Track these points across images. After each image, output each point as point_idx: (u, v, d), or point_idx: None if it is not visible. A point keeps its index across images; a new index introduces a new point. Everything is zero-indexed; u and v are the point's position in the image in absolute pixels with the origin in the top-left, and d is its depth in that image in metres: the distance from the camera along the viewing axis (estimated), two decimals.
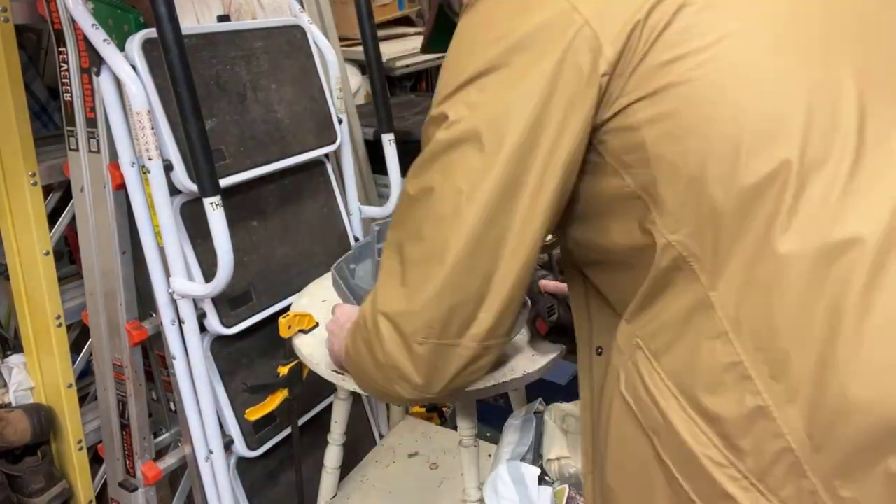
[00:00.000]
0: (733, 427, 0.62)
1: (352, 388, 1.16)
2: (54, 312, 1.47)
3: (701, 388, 0.64)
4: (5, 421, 1.45)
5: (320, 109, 1.66)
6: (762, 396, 0.60)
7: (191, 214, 1.37)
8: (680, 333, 0.66)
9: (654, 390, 0.67)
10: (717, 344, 0.62)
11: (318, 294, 1.46)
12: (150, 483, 1.52)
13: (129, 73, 1.23)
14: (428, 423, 1.80)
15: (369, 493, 1.57)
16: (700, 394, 0.64)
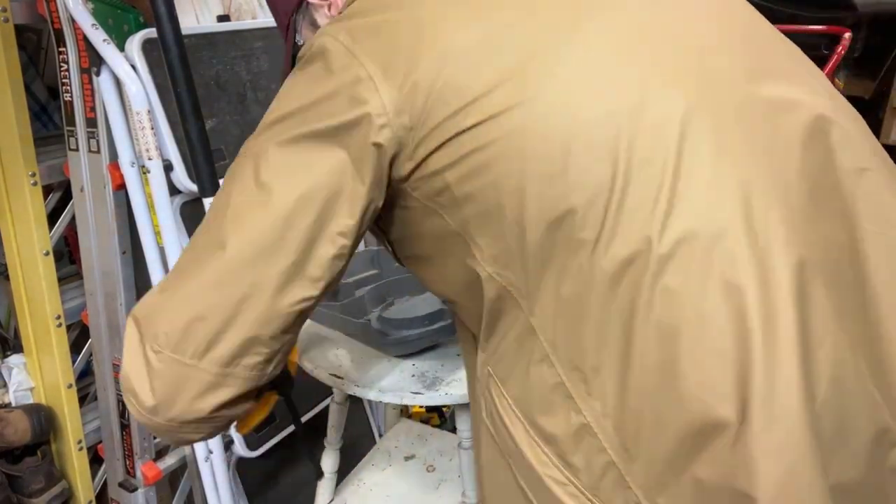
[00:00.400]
0: (565, 445, 0.63)
1: (350, 391, 1.16)
2: (54, 312, 1.47)
3: (537, 411, 0.65)
4: (5, 421, 1.45)
5: None
6: (583, 414, 0.61)
7: (191, 214, 1.37)
8: (516, 359, 0.67)
9: (504, 416, 0.68)
10: (543, 367, 0.64)
11: None
12: (149, 483, 1.52)
13: (128, 72, 1.23)
14: (423, 425, 1.80)
15: (366, 496, 1.56)
16: (537, 416, 0.65)
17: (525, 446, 0.66)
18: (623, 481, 0.60)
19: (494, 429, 0.70)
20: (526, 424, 0.66)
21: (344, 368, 1.19)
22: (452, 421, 1.99)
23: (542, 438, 0.65)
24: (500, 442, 0.70)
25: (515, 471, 0.68)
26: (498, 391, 0.69)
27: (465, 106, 0.62)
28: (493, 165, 0.62)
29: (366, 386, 1.14)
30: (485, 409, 0.72)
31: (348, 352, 1.23)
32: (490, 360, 0.71)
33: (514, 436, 0.67)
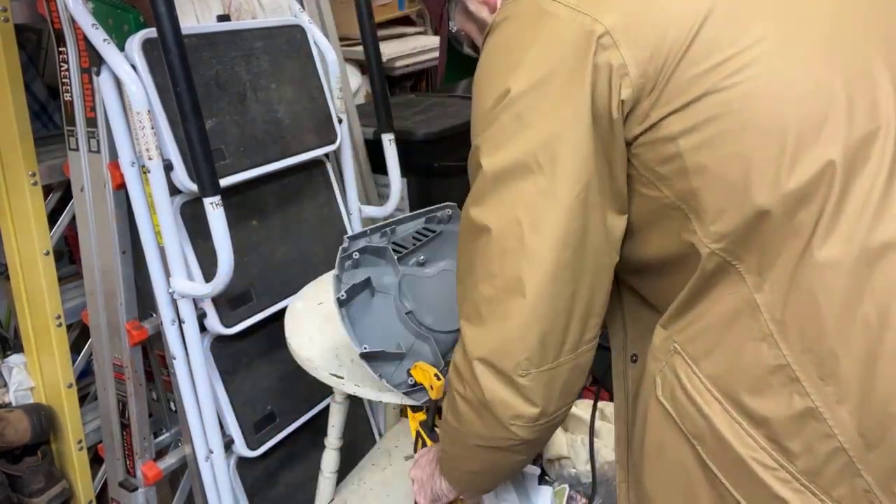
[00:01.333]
0: (782, 428, 0.62)
1: (350, 391, 1.16)
2: (54, 312, 1.47)
3: (745, 391, 0.64)
4: (5, 421, 1.45)
5: (320, 109, 1.66)
6: (811, 398, 0.60)
7: (191, 214, 1.37)
8: (722, 337, 0.66)
9: (694, 395, 0.67)
10: (763, 346, 0.63)
11: (314, 297, 1.45)
12: (150, 483, 1.52)
13: (129, 72, 1.23)
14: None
15: (366, 496, 1.56)
16: (745, 396, 0.64)
17: (724, 427, 0.65)
18: (853, 468, 0.59)
19: (676, 408, 0.69)
20: (726, 404, 0.65)
21: (344, 368, 1.19)
22: None
23: (749, 420, 0.64)
24: (683, 422, 0.69)
25: (703, 451, 0.67)
26: (687, 369, 0.68)
27: (714, 66, 0.62)
28: (736, 135, 0.62)
29: (365, 386, 1.14)
30: (661, 389, 0.71)
31: (348, 351, 1.23)
32: (680, 336, 0.70)
33: (707, 416, 0.66)
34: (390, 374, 1.07)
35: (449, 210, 1.21)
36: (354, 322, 1.08)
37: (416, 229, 1.19)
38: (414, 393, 1.07)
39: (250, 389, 1.52)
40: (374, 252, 1.14)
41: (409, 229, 1.18)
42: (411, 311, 1.09)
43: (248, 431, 1.50)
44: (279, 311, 1.53)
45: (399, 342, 1.08)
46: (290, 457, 1.67)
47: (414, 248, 1.15)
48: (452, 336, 1.10)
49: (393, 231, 1.17)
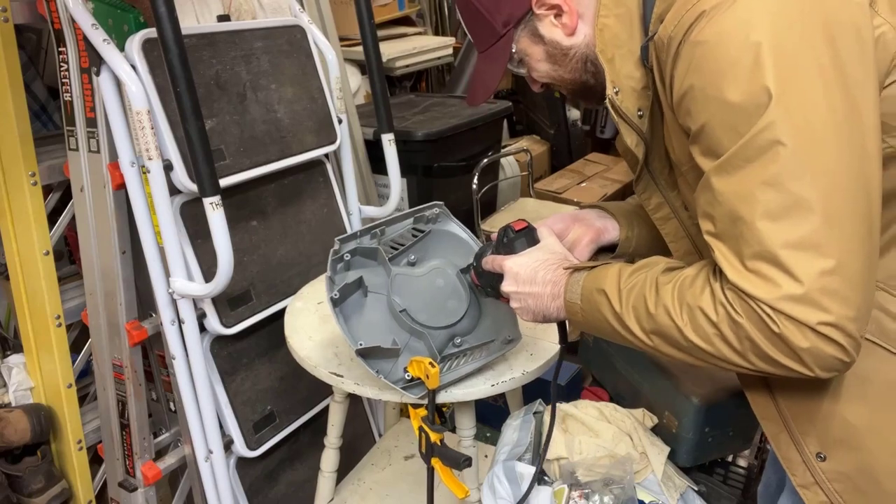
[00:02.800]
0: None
1: (350, 389, 1.16)
2: (54, 312, 1.47)
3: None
4: (5, 421, 1.45)
5: (320, 109, 1.66)
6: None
7: (191, 214, 1.37)
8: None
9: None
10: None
11: (314, 296, 1.46)
12: (149, 483, 1.52)
13: (128, 72, 1.23)
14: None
15: (366, 496, 1.57)
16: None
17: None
18: None
19: (882, 334, 0.76)
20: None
21: (343, 367, 1.19)
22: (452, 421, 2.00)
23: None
24: (892, 343, 0.76)
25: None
26: (892, 299, 0.77)
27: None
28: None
29: (365, 384, 1.14)
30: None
31: (348, 350, 1.23)
32: (882, 275, 0.75)
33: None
34: (387, 370, 1.08)
35: (437, 209, 1.21)
36: (349, 321, 1.09)
37: (405, 229, 1.20)
38: (412, 388, 1.07)
39: (250, 389, 1.53)
40: (364, 253, 1.14)
41: (399, 230, 1.19)
42: (404, 308, 1.09)
43: (247, 431, 1.50)
44: (279, 311, 1.53)
45: (394, 339, 1.09)
46: (290, 457, 1.67)
47: (405, 248, 1.16)
48: (446, 332, 1.11)
49: (382, 232, 1.17)
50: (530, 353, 1.20)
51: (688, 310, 0.75)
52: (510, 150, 2.69)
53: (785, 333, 0.68)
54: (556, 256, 0.95)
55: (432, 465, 1.09)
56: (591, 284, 0.86)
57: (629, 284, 0.82)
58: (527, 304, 0.94)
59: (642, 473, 1.30)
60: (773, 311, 0.68)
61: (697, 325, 0.74)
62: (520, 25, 0.93)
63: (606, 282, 0.84)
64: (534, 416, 1.39)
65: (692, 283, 0.76)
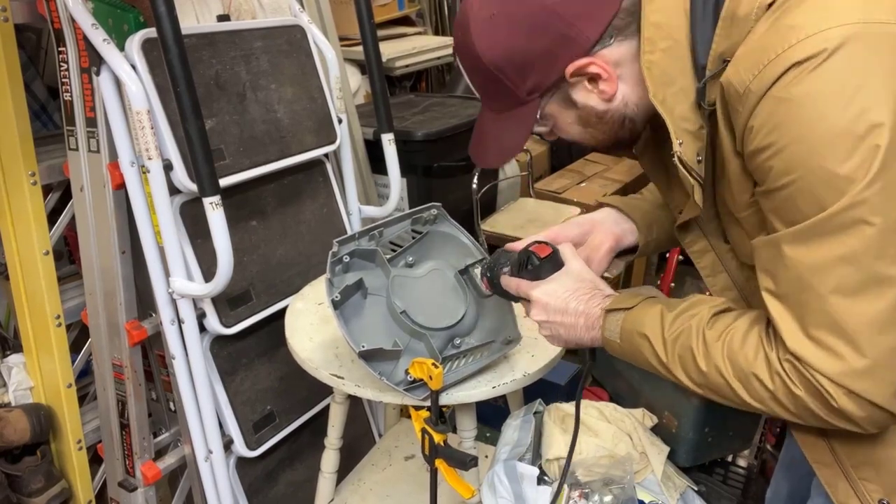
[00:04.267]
0: None
1: (351, 391, 1.16)
2: (54, 312, 1.47)
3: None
4: (5, 420, 1.45)
5: (320, 109, 1.66)
6: None
7: (190, 214, 1.37)
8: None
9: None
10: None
11: (314, 297, 1.46)
12: (149, 483, 1.52)
13: (128, 72, 1.23)
14: None
15: (366, 496, 1.56)
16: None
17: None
18: None
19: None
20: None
21: (344, 368, 1.19)
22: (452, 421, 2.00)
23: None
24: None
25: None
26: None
27: None
28: None
29: (365, 386, 1.14)
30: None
31: (349, 351, 1.23)
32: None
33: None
34: (389, 372, 1.07)
35: (434, 210, 1.21)
36: (349, 323, 1.09)
37: (403, 231, 1.20)
38: (414, 389, 1.07)
39: (250, 389, 1.53)
40: (363, 255, 1.14)
41: (397, 231, 1.19)
42: (404, 310, 1.09)
43: (247, 431, 1.50)
44: (279, 311, 1.53)
45: (395, 341, 1.09)
46: (290, 457, 1.67)
47: (403, 249, 1.16)
48: (446, 333, 1.11)
49: (381, 233, 1.17)
50: (531, 354, 1.20)
51: (742, 375, 0.74)
52: None
53: (843, 407, 0.68)
54: (586, 285, 0.92)
55: (436, 466, 1.09)
56: (631, 327, 0.84)
57: (673, 333, 0.79)
58: (558, 333, 0.93)
59: (642, 473, 1.30)
60: (832, 385, 0.68)
61: (752, 389, 0.73)
62: (548, 93, 0.84)
63: (647, 326, 0.82)
64: (534, 416, 1.39)
65: (743, 344, 0.74)
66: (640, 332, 0.82)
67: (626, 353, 0.86)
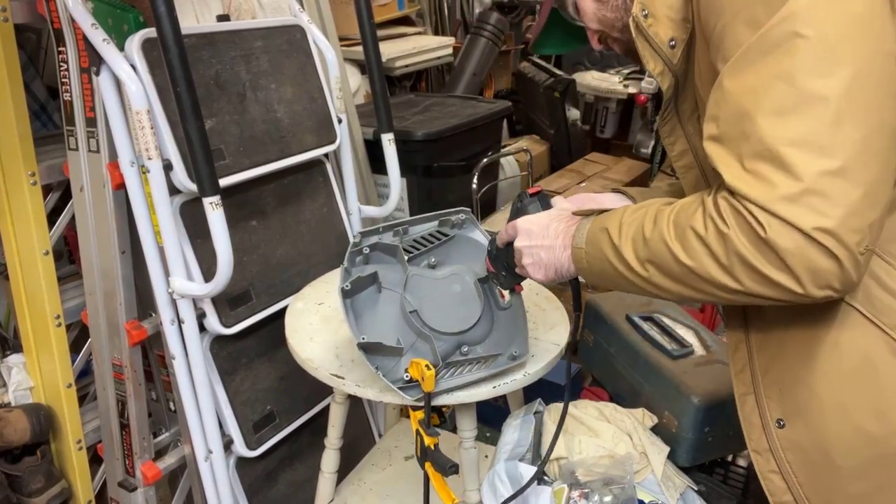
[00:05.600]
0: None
1: (351, 391, 1.16)
2: (54, 312, 1.47)
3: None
4: (5, 420, 1.45)
5: (320, 109, 1.66)
6: None
7: (190, 214, 1.37)
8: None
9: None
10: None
11: (315, 297, 1.46)
12: (149, 483, 1.52)
13: (128, 72, 1.23)
14: None
15: (366, 496, 1.56)
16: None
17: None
18: None
19: (872, 306, 0.73)
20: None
21: (344, 368, 1.19)
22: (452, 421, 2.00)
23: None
24: (880, 317, 0.73)
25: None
26: (887, 267, 0.73)
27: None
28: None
29: (366, 386, 1.14)
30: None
31: (349, 351, 1.23)
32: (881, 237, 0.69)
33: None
34: (387, 368, 1.07)
35: (463, 215, 1.21)
36: (356, 315, 1.09)
37: (428, 231, 1.19)
38: (409, 389, 1.07)
39: (250, 389, 1.53)
40: (384, 249, 1.14)
41: (422, 231, 1.19)
42: (415, 309, 1.09)
43: (247, 431, 1.50)
44: (279, 311, 1.53)
45: (399, 338, 1.09)
46: (290, 457, 1.67)
47: (426, 249, 1.16)
48: (455, 338, 1.11)
49: (405, 231, 1.17)
50: (532, 353, 1.20)
51: (680, 231, 0.72)
52: (510, 150, 2.69)
53: (772, 238, 0.64)
54: (568, 212, 0.94)
55: (426, 469, 1.09)
56: (596, 225, 0.85)
57: (631, 218, 0.79)
58: (539, 257, 0.93)
59: (642, 473, 1.30)
60: (763, 213, 0.64)
61: (687, 244, 0.71)
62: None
63: (610, 220, 0.82)
64: (534, 416, 1.39)
65: (689, 206, 0.73)
66: (602, 227, 0.83)
67: (590, 260, 0.85)
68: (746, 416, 0.87)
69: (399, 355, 1.08)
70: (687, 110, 0.89)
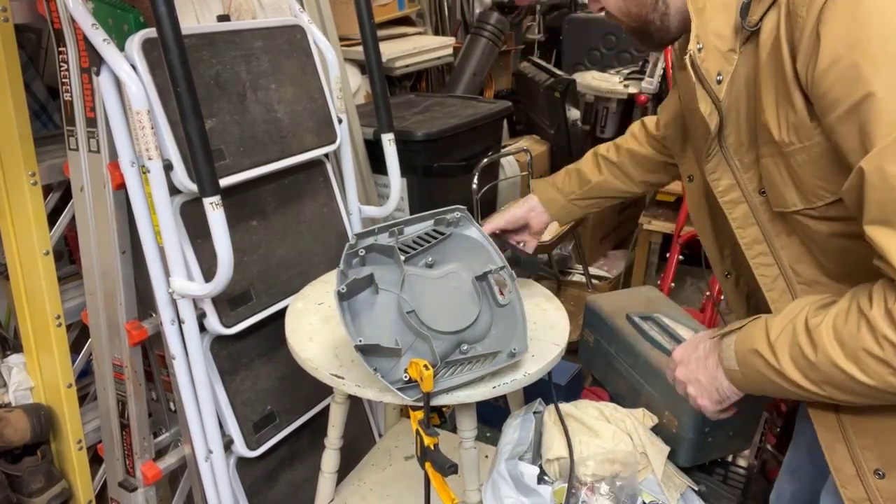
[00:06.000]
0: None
1: (351, 391, 1.16)
2: (54, 312, 1.47)
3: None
4: (5, 421, 1.45)
5: (320, 109, 1.66)
6: None
7: (191, 214, 1.37)
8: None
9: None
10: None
11: (314, 297, 1.46)
12: (149, 483, 1.52)
13: (128, 72, 1.23)
14: None
15: (366, 496, 1.56)
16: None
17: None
18: None
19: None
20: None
21: (344, 368, 1.19)
22: (452, 421, 2.00)
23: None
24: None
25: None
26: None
27: None
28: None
29: (366, 386, 1.14)
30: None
31: (349, 351, 1.23)
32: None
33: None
34: (386, 369, 1.07)
35: (458, 213, 1.20)
36: (355, 316, 1.08)
37: (424, 231, 1.19)
38: (408, 389, 1.07)
39: (250, 389, 1.53)
40: (380, 250, 1.14)
41: (418, 230, 1.18)
42: (413, 309, 1.09)
43: (247, 431, 1.50)
44: (279, 311, 1.53)
45: (397, 339, 1.09)
46: (290, 457, 1.67)
47: (422, 249, 1.15)
48: (452, 337, 1.11)
49: (401, 231, 1.17)
50: (532, 353, 1.20)
51: (851, 353, 0.69)
52: (510, 150, 2.69)
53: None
54: (699, 336, 0.94)
55: (426, 469, 1.09)
56: (743, 348, 0.82)
57: (778, 335, 0.76)
58: (697, 379, 0.91)
59: (642, 473, 1.30)
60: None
61: (866, 367, 0.68)
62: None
63: (757, 340, 0.79)
64: (534, 416, 1.39)
65: (846, 319, 0.69)
66: (751, 348, 0.79)
67: (749, 381, 0.82)
68: (838, 465, 0.82)
69: (398, 356, 1.08)
70: (734, 143, 0.86)
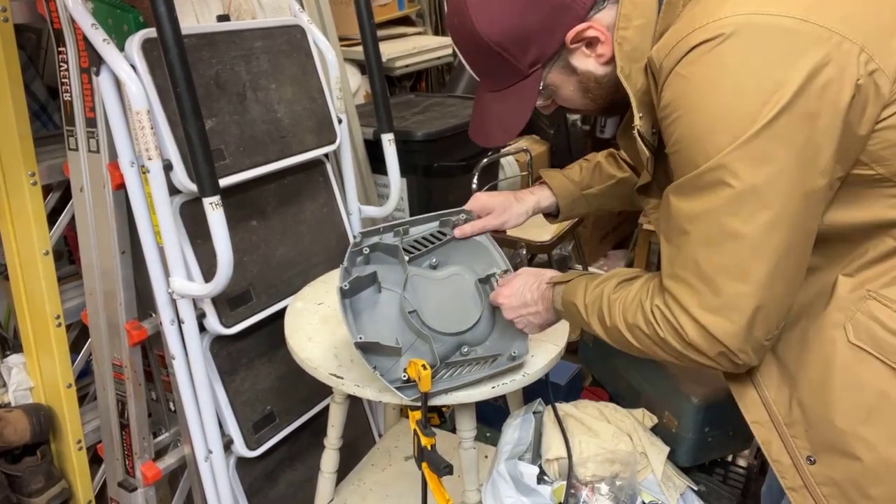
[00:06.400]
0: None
1: (350, 391, 1.16)
2: (54, 312, 1.47)
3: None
4: (5, 421, 1.45)
5: (320, 109, 1.66)
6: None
7: (190, 214, 1.37)
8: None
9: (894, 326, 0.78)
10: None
11: (314, 297, 1.46)
12: (149, 483, 1.52)
13: (128, 72, 1.23)
14: None
15: (366, 496, 1.57)
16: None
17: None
18: None
19: (878, 346, 0.79)
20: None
21: (343, 368, 1.19)
22: (452, 421, 2.00)
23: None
24: (887, 356, 0.78)
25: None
26: (887, 311, 0.79)
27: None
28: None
29: (365, 386, 1.14)
30: (853, 334, 0.80)
31: (348, 351, 1.23)
32: (874, 284, 0.80)
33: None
34: (385, 368, 1.07)
35: (464, 215, 1.20)
36: (356, 314, 1.09)
37: (429, 231, 1.19)
38: (406, 389, 1.07)
39: (250, 389, 1.53)
40: (385, 250, 1.14)
41: (423, 231, 1.19)
42: (415, 310, 1.09)
43: (247, 431, 1.50)
44: (279, 311, 1.53)
45: (398, 338, 1.09)
46: (290, 457, 1.67)
47: (427, 250, 1.16)
48: (454, 338, 1.11)
49: (406, 231, 1.17)
50: (531, 354, 1.20)
51: (629, 326, 0.87)
52: (510, 150, 2.69)
53: (695, 342, 0.79)
54: (531, 277, 1.08)
55: (422, 469, 1.09)
56: (566, 297, 1.00)
57: (591, 298, 0.94)
58: (530, 322, 1.09)
59: (642, 473, 1.30)
60: (686, 319, 0.79)
61: (638, 338, 0.87)
62: (549, 63, 0.88)
63: (576, 296, 0.97)
64: (534, 416, 1.39)
65: (631, 303, 0.87)
66: (571, 301, 0.98)
67: (569, 318, 1.03)
68: (776, 457, 0.88)
69: (397, 355, 1.08)
70: (665, 180, 0.93)
